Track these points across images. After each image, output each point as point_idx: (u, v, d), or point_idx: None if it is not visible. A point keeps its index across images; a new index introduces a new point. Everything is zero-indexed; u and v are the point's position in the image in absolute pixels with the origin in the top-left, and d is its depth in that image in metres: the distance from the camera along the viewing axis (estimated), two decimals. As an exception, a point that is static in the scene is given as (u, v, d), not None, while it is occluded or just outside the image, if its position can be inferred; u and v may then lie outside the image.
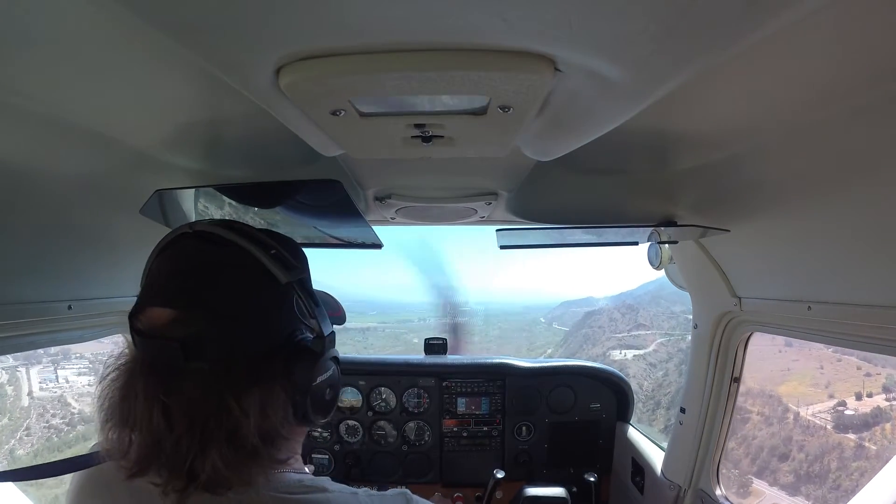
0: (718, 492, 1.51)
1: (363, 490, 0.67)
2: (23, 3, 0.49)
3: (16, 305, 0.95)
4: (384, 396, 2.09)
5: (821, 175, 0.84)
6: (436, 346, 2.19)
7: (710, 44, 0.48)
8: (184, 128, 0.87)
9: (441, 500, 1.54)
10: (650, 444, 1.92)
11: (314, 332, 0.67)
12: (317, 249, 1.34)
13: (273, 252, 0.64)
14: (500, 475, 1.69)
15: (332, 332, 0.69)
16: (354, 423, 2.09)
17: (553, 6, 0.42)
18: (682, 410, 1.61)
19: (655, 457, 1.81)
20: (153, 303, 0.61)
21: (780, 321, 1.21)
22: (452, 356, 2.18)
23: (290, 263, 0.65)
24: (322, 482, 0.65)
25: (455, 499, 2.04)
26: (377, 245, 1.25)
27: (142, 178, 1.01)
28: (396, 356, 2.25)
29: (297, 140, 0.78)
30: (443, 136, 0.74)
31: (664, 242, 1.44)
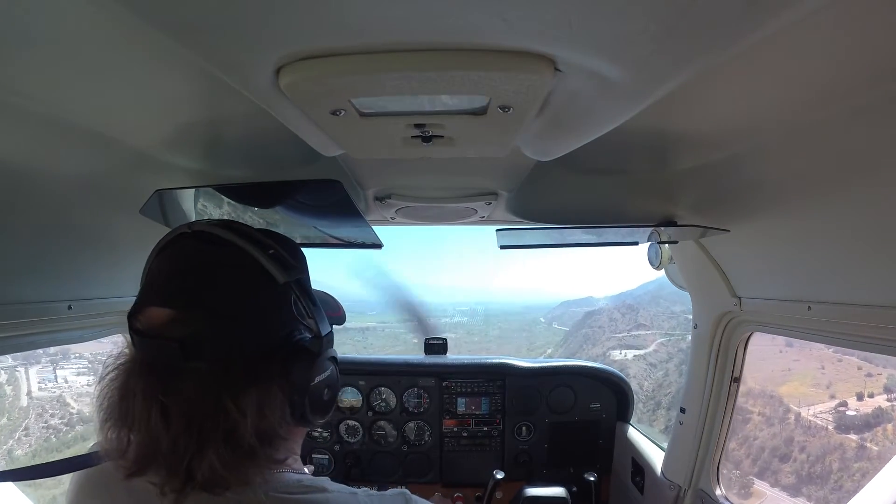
0: (718, 492, 1.51)
1: (362, 490, 0.67)
2: (23, 3, 0.49)
3: (16, 305, 0.95)
4: (384, 396, 2.08)
5: (821, 175, 0.84)
6: (436, 346, 2.19)
7: (710, 44, 0.48)
8: (184, 128, 0.87)
9: (441, 500, 1.53)
10: (650, 444, 1.92)
11: (313, 332, 0.67)
12: (317, 249, 1.34)
13: (271, 252, 0.64)
14: (500, 476, 1.69)
15: (330, 332, 0.69)
16: (354, 423, 2.09)
17: (553, 6, 0.42)
18: (682, 410, 1.61)
19: (655, 457, 1.81)
20: (151, 303, 0.61)
21: (780, 321, 1.21)
22: (453, 356, 2.18)
23: (289, 263, 0.65)
24: (321, 482, 0.65)
25: (455, 499, 2.04)
26: (377, 245, 1.25)
27: (142, 178, 1.01)
28: (396, 356, 2.25)
29: (297, 140, 0.78)
30: (443, 136, 0.74)
31: (664, 242, 1.44)
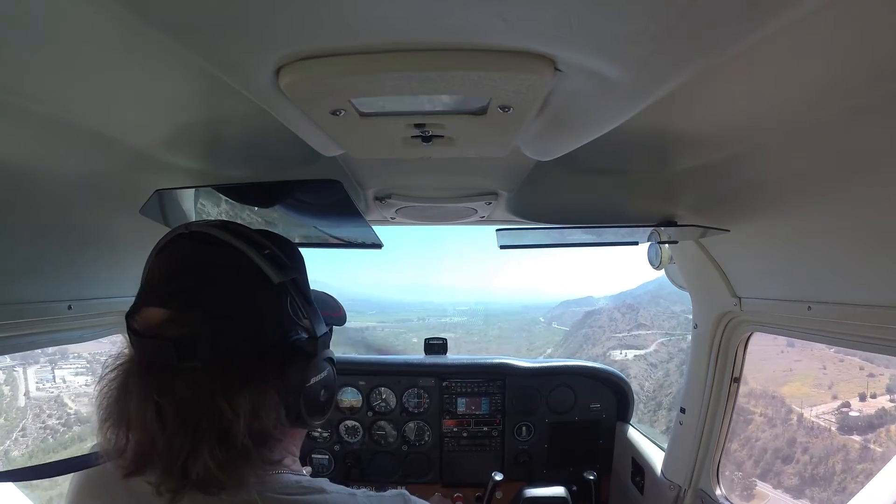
0: (718, 492, 1.51)
1: (362, 491, 0.67)
2: (23, 3, 0.49)
3: (16, 305, 0.95)
4: (384, 396, 2.08)
5: (821, 175, 0.84)
6: (436, 346, 2.19)
7: (710, 44, 0.48)
8: (184, 128, 0.87)
9: (441, 501, 1.53)
10: (650, 444, 1.92)
11: (309, 333, 0.67)
12: (317, 249, 1.34)
13: (267, 252, 0.64)
14: (499, 477, 1.69)
15: (326, 333, 0.69)
16: (354, 424, 2.09)
17: (553, 6, 0.42)
18: (682, 410, 1.61)
19: (655, 457, 1.81)
20: (148, 303, 0.61)
21: (781, 321, 1.21)
22: (452, 356, 2.18)
23: (284, 263, 0.64)
24: (320, 483, 0.65)
25: (455, 499, 2.04)
26: (377, 245, 1.25)
27: (142, 178, 1.01)
28: (396, 356, 2.25)
29: (297, 140, 0.78)
30: (443, 136, 0.74)
31: (664, 242, 1.44)
